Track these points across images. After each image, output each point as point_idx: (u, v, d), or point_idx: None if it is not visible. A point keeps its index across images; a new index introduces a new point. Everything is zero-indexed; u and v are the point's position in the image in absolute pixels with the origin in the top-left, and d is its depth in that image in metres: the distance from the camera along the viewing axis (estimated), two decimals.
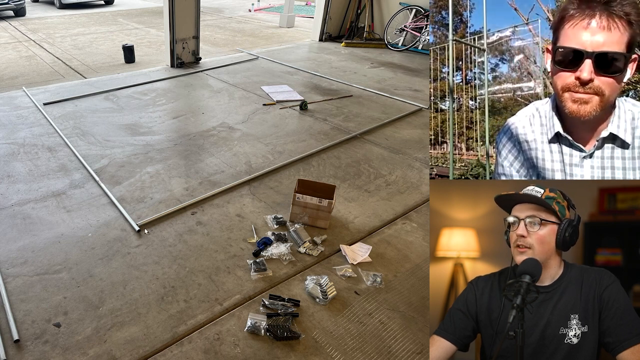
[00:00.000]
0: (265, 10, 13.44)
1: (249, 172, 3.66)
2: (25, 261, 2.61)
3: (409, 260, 2.74)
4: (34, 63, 7.13)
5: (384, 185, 3.56)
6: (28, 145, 4.02)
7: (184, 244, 2.79)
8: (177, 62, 6.61)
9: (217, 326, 2.23)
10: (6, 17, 11.10)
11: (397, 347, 2.16)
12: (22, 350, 2.06)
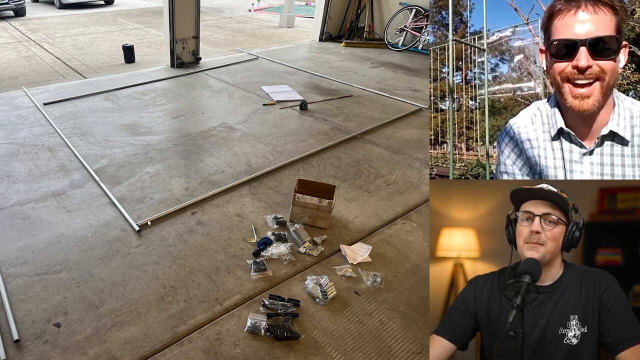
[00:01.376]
0: (265, 10, 13.45)
1: (249, 172, 3.66)
2: (25, 261, 2.61)
3: (409, 260, 2.74)
4: (34, 63, 7.13)
5: (384, 185, 3.56)
6: (28, 145, 4.03)
7: (184, 244, 2.79)
8: (177, 62, 6.62)
9: (217, 326, 2.23)
10: (6, 17, 11.11)
11: (397, 347, 2.16)
12: (22, 350, 2.06)
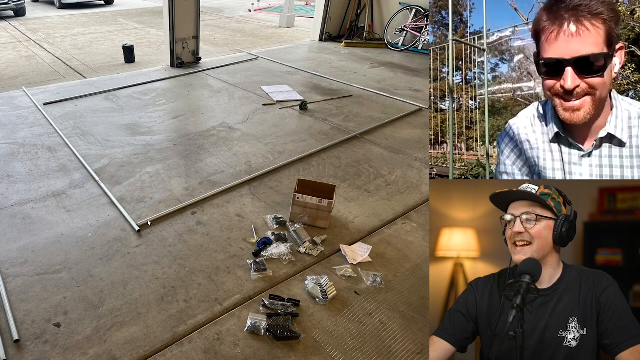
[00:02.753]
0: (265, 10, 13.44)
1: (249, 172, 3.66)
2: (25, 261, 2.61)
3: (409, 260, 2.74)
4: (34, 63, 7.13)
5: (384, 185, 3.56)
6: (28, 145, 4.03)
7: (184, 244, 2.80)
8: (177, 62, 6.62)
9: (217, 326, 2.23)
10: (6, 17, 11.11)
11: (397, 347, 2.16)
12: (22, 350, 2.06)
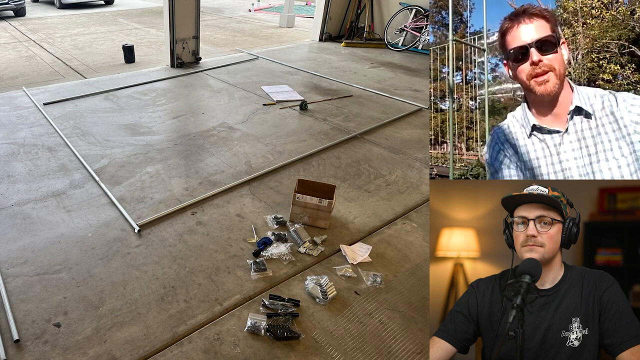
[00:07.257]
0: (265, 10, 13.44)
1: (249, 172, 3.66)
2: (25, 261, 2.61)
3: (409, 260, 2.74)
4: (34, 63, 7.13)
5: (384, 185, 3.56)
6: (28, 145, 4.03)
7: (184, 244, 2.79)
8: (177, 62, 6.61)
9: (217, 326, 2.23)
10: (6, 17, 11.10)
11: (397, 347, 2.16)
12: (22, 350, 2.06)
